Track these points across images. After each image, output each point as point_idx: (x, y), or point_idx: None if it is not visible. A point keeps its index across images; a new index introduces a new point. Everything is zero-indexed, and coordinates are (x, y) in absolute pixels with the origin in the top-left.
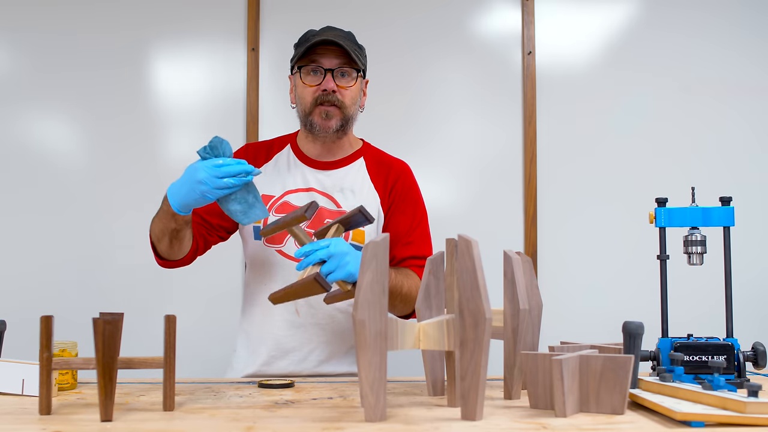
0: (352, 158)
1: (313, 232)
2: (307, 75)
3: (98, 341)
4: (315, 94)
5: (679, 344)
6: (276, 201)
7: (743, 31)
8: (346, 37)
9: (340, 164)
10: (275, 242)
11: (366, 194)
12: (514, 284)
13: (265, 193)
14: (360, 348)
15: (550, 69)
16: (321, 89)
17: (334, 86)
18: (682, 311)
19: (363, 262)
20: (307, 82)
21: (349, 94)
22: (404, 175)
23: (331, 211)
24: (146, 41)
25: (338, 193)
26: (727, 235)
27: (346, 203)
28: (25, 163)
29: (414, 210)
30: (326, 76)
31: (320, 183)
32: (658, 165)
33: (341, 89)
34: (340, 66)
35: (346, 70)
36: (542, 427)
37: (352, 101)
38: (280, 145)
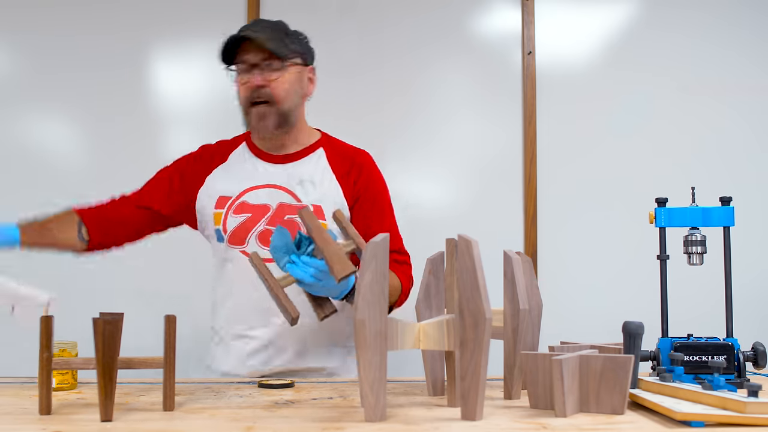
0: (310, 150)
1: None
2: (239, 74)
3: (98, 341)
4: (247, 93)
5: (679, 344)
6: (234, 201)
7: (743, 31)
8: (270, 27)
9: (297, 156)
10: (238, 242)
11: (327, 186)
12: (514, 284)
13: (222, 194)
14: (360, 348)
15: (550, 69)
16: (250, 86)
17: (262, 81)
18: (682, 311)
19: (363, 262)
20: (239, 81)
21: (280, 86)
22: (368, 166)
23: (291, 206)
24: (146, 41)
25: (297, 186)
26: (727, 235)
27: (306, 197)
28: (25, 163)
29: (381, 204)
30: (253, 71)
31: (278, 178)
32: (658, 165)
33: (271, 83)
34: (265, 59)
35: (271, 62)
36: (542, 427)
37: (285, 93)
38: (235, 143)
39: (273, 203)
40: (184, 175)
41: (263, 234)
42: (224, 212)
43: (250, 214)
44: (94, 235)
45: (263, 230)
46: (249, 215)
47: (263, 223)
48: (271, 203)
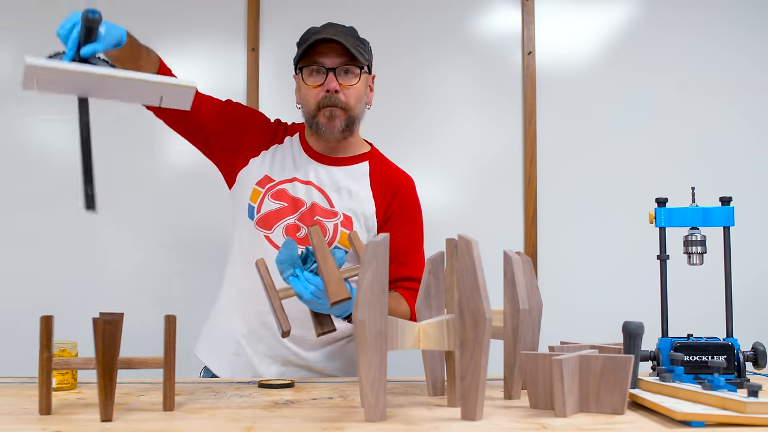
0: (356, 160)
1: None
2: (309, 75)
3: (98, 341)
4: (318, 96)
5: (679, 344)
6: (275, 185)
7: (743, 31)
8: (347, 33)
9: (343, 163)
10: (266, 227)
11: (363, 199)
12: (514, 284)
13: (268, 174)
14: (360, 348)
15: (550, 69)
16: (324, 90)
17: (336, 86)
18: (682, 311)
19: (363, 262)
20: (309, 83)
21: (353, 93)
22: (406, 188)
23: (324, 209)
24: (146, 41)
25: (334, 192)
26: (727, 235)
27: (341, 204)
28: (25, 163)
29: (412, 228)
30: (328, 75)
31: (319, 178)
32: (658, 165)
33: (344, 88)
34: (342, 64)
35: (349, 68)
36: (542, 427)
37: (356, 100)
38: (292, 130)
39: (308, 201)
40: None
41: (291, 227)
42: (263, 192)
43: (286, 204)
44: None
45: (292, 224)
46: (285, 204)
47: (295, 217)
48: (307, 200)
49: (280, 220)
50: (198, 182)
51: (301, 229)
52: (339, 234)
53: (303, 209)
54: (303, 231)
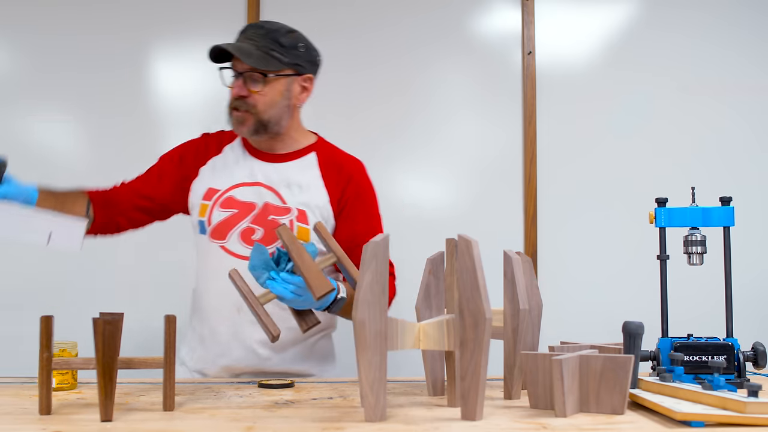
0: (303, 152)
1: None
2: (229, 76)
3: (98, 341)
4: (230, 98)
5: (679, 344)
6: (221, 195)
7: (742, 31)
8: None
9: (290, 158)
10: (220, 237)
11: (314, 191)
12: (514, 284)
13: (212, 186)
14: (360, 348)
15: (550, 69)
16: (233, 94)
17: (241, 91)
18: (682, 311)
19: (363, 262)
20: (228, 84)
21: (261, 99)
22: (358, 174)
23: (276, 206)
24: (146, 41)
25: (284, 188)
26: (727, 235)
27: (293, 199)
28: (25, 163)
29: (370, 212)
30: (237, 80)
31: (267, 176)
32: (658, 165)
33: (252, 94)
34: (249, 71)
35: (254, 75)
36: (542, 427)
37: (266, 105)
38: (231, 136)
39: (259, 202)
40: (183, 162)
41: (245, 232)
42: (211, 204)
43: (236, 210)
44: (98, 215)
45: (246, 228)
46: (235, 211)
47: (247, 221)
48: (258, 202)
49: (233, 227)
50: None
51: (256, 232)
52: (296, 230)
53: (255, 211)
54: (258, 233)
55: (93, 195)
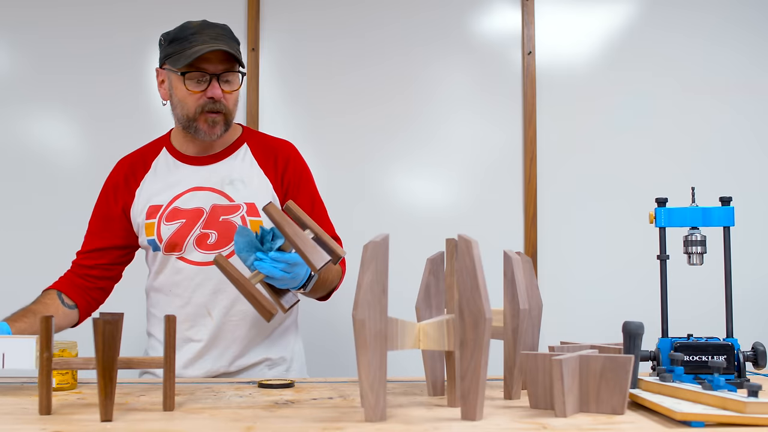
0: (235, 147)
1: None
2: (191, 81)
3: (98, 341)
4: (199, 101)
5: (679, 344)
6: (165, 209)
7: (743, 31)
8: (226, 35)
9: (224, 155)
10: (176, 249)
11: (257, 183)
12: (514, 284)
13: (152, 203)
14: (360, 348)
15: (550, 69)
16: (206, 96)
17: (220, 93)
18: (682, 311)
19: (363, 262)
20: (191, 89)
21: (232, 99)
22: (293, 157)
23: (225, 206)
24: (146, 42)
25: (228, 186)
26: (727, 235)
27: (238, 194)
28: (25, 164)
29: (310, 193)
30: (211, 82)
31: (207, 180)
32: (658, 165)
33: (226, 95)
34: (225, 71)
35: (231, 74)
36: (542, 427)
37: (235, 104)
38: (154, 150)
39: (206, 206)
40: (117, 194)
41: (200, 238)
42: (156, 221)
43: (184, 220)
44: (77, 298)
45: (200, 234)
46: (183, 221)
47: (199, 227)
48: (205, 206)
49: (185, 237)
50: None
51: (210, 236)
52: (249, 224)
53: (204, 216)
54: (213, 237)
55: (57, 285)
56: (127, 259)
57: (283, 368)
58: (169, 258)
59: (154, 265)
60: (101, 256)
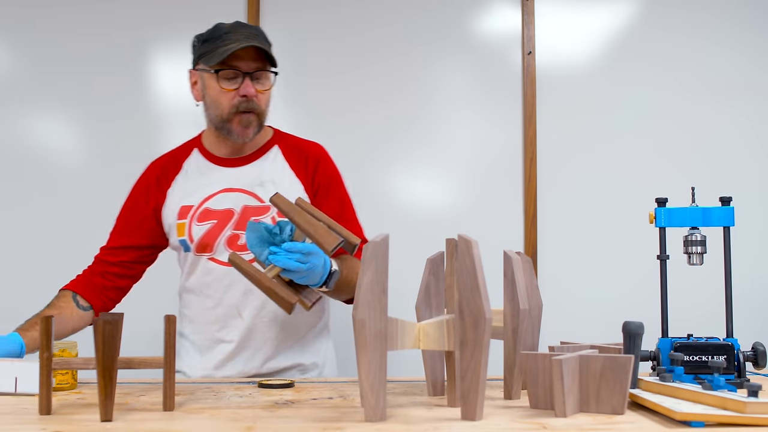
0: (266, 149)
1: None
2: (225, 79)
3: (98, 341)
4: (233, 100)
5: (679, 344)
6: (197, 209)
7: (743, 31)
8: (259, 35)
9: (255, 157)
10: (206, 250)
11: (288, 184)
12: (514, 284)
13: (184, 204)
14: (360, 348)
15: (550, 69)
16: (240, 95)
17: (254, 91)
18: (682, 311)
19: (363, 262)
20: (225, 87)
21: (265, 98)
22: (324, 158)
23: (255, 207)
24: (146, 42)
25: (258, 187)
26: (727, 235)
27: (268, 196)
28: (25, 163)
29: (339, 195)
30: (245, 80)
31: (237, 181)
32: (659, 165)
33: (259, 94)
34: (258, 69)
35: (265, 73)
36: (542, 427)
37: (267, 104)
38: (185, 152)
39: (237, 207)
40: (148, 195)
41: (231, 239)
42: (188, 222)
43: (215, 221)
44: (92, 299)
45: (231, 235)
46: (214, 222)
47: (230, 228)
48: (235, 207)
49: (216, 238)
50: None
51: (241, 237)
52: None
53: (235, 217)
54: (243, 238)
55: (71, 285)
56: (151, 259)
57: (315, 373)
58: (200, 259)
59: (186, 266)
60: (124, 254)
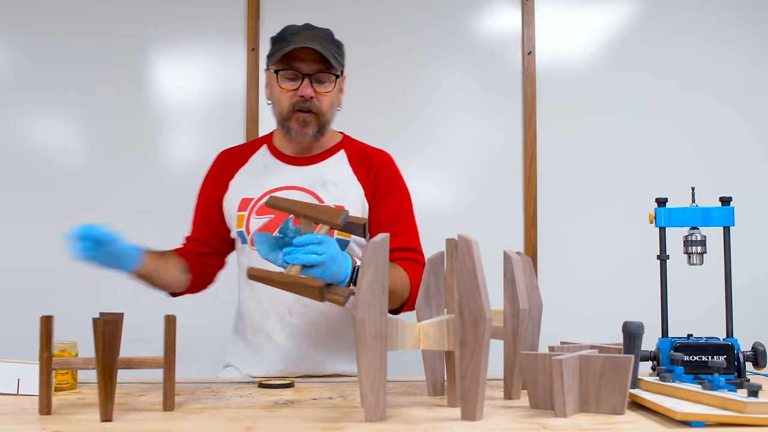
0: (332, 152)
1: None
2: (285, 80)
3: (98, 341)
4: (292, 100)
5: (679, 344)
6: (257, 202)
7: (743, 31)
8: (324, 38)
9: (320, 158)
10: None
11: (348, 187)
12: (514, 284)
13: (245, 196)
14: (360, 348)
15: (550, 69)
16: (298, 95)
17: (311, 93)
18: (682, 311)
19: (363, 262)
20: (284, 87)
21: (326, 100)
22: (386, 165)
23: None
24: (146, 41)
25: (320, 188)
26: (727, 235)
27: (329, 197)
28: (25, 163)
29: (397, 199)
30: (303, 81)
31: (300, 179)
32: (658, 165)
33: (319, 95)
34: (318, 71)
35: (324, 75)
36: (542, 427)
37: (329, 106)
38: (254, 147)
39: None
40: (214, 184)
41: None
42: (247, 214)
43: (273, 216)
44: (193, 269)
45: None
46: (272, 217)
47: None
48: None
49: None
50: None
51: None
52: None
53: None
54: None
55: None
56: (231, 249)
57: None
58: (254, 253)
59: (243, 258)
60: (203, 246)
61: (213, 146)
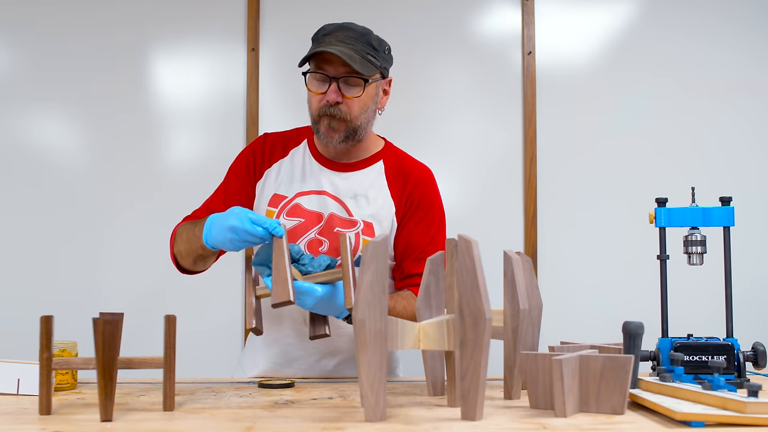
0: (371, 161)
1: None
2: (313, 81)
3: (98, 341)
4: (320, 104)
5: (679, 344)
6: (288, 203)
7: (743, 31)
8: (357, 39)
9: (358, 167)
10: None
11: (381, 203)
12: (514, 284)
13: (278, 192)
14: (360, 348)
15: (550, 69)
16: (325, 99)
17: (337, 97)
18: (682, 311)
19: (363, 262)
20: (313, 90)
21: (356, 105)
22: (424, 183)
23: (342, 218)
24: (146, 41)
25: (351, 199)
26: (727, 235)
27: (359, 211)
28: (25, 162)
29: (431, 222)
30: (331, 85)
31: (334, 187)
32: (658, 165)
33: (347, 100)
34: (346, 74)
35: (354, 79)
36: (542, 427)
37: (360, 111)
38: (297, 139)
39: (325, 212)
40: (248, 165)
41: (312, 243)
42: (277, 212)
43: (302, 220)
44: None
45: (313, 239)
46: (302, 220)
47: (314, 232)
48: (323, 212)
49: (300, 237)
50: (198, 183)
51: (323, 244)
52: (361, 243)
53: (321, 223)
54: (325, 245)
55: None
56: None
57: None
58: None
59: None
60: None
61: (213, 146)
